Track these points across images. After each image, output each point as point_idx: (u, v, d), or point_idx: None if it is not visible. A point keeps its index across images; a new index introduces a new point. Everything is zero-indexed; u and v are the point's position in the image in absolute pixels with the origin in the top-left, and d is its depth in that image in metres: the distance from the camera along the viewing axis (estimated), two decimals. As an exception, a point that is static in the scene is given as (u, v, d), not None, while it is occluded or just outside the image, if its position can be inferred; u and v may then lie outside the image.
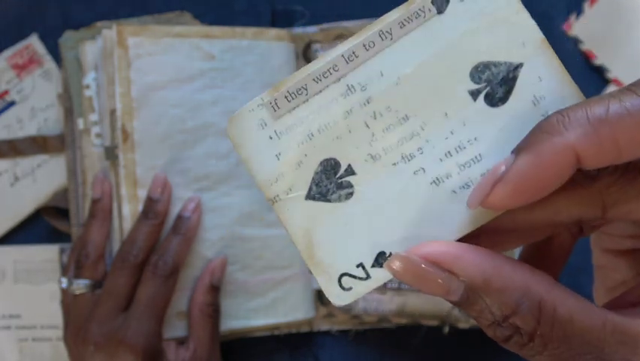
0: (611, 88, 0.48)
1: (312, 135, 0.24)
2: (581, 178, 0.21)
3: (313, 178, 0.24)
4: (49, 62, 0.52)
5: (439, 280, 0.21)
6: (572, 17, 0.49)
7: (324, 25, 0.49)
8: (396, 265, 0.22)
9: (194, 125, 0.45)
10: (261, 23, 0.51)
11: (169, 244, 0.42)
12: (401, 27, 0.24)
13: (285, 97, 0.24)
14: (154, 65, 0.44)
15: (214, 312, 0.44)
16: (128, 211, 0.43)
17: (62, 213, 0.51)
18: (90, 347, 0.40)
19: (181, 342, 0.44)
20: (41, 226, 0.52)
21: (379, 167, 0.24)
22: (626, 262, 0.25)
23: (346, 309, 0.48)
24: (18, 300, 0.52)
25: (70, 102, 0.49)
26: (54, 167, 0.52)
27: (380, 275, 0.24)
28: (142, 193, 0.43)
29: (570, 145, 0.20)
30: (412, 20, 0.24)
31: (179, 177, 0.44)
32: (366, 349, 0.51)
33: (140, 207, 0.43)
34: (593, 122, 0.19)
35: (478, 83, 0.23)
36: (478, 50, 0.23)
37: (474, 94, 0.23)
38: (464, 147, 0.23)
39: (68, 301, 0.44)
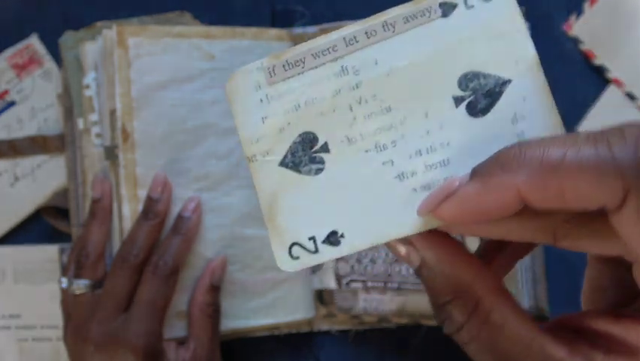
0: (611, 88, 0.48)
1: (299, 106, 0.25)
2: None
3: (290, 147, 0.25)
4: (49, 62, 0.52)
5: (403, 248, 0.24)
6: (572, 17, 0.49)
7: (324, 25, 0.49)
8: None
9: (194, 125, 0.45)
10: (261, 23, 0.51)
11: (169, 244, 0.42)
12: (405, 22, 0.25)
13: (283, 65, 0.25)
14: (154, 65, 0.44)
15: (214, 312, 0.44)
16: (128, 211, 0.43)
17: (62, 213, 0.51)
18: (90, 347, 0.40)
19: (181, 342, 0.44)
20: (41, 226, 0.52)
21: (353, 150, 0.24)
22: (604, 267, 0.25)
23: (346, 309, 0.48)
24: (18, 300, 0.52)
25: (70, 102, 0.49)
26: (54, 167, 0.52)
27: (328, 252, 0.24)
28: (142, 193, 0.43)
29: (516, 186, 0.20)
30: (416, 18, 0.25)
31: (179, 177, 0.44)
32: (366, 349, 0.51)
33: (140, 207, 0.43)
34: (544, 168, 0.20)
35: (464, 91, 0.24)
36: (472, 59, 0.24)
37: (458, 100, 0.24)
38: (435, 149, 0.24)
39: (68, 301, 0.44)
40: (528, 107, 0.23)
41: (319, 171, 0.25)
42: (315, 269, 0.49)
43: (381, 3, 0.51)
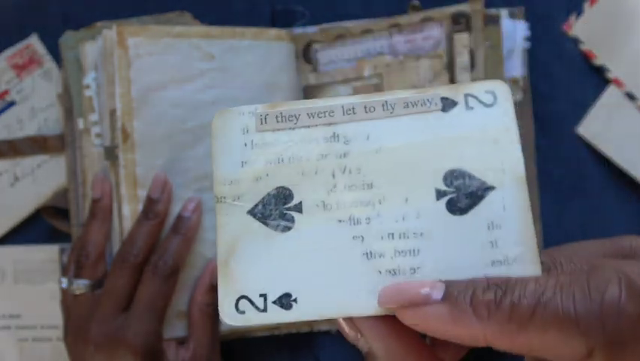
0: (611, 88, 0.48)
1: (282, 160, 0.25)
2: None
3: (263, 198, 0.25)
4: (49, 62, 0.52)
5: (352, 332, 0.24)
6: (572, 17, 0.49)
7: (324, 25, 0.49)
8: None
9: (194, 125, 0.45)
10: (261, 23, 0.51)
11: (169, 244, 0.42)
12: (405, 107, 0.25)
13: (276, 116, 0.25)
14: (154, 65, 0.44)
15: (214, 312, 0.44)
16: (128, 211, 0.43)
17: (62, 213, 0.51)
18: (90, 347, 0.40)
19: (181, 342, 0.44)
20: (41, 226, 0.52)
21: (326, 217, 0.24)
22: None
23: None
24: (18, 300, 0.52)
25: (70, 102, 0.49)
26: (54, 167, 0.52)
27: (276, 314, 0.24)
28: (142, 193, 0.43)
29: (484, 333, 0.21)
30: (416, 105, 0.25)
31: (179, 177, 0.44)
32: (366, 349, 0.50)
33: (140, 207, 0.43)
34: (514, 324, 0.20)
35: (447, 186, 0.24)
36: (462, 157, 0.24)
37: (440, 194, 0.24)
38: (408, 237, 0.24)
39: (68, 301, 0.44)
40: (506, 218, 0.23)
41: (287, 229, 0.24)
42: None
43: (380, 4, 0.51)
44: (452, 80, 0.44)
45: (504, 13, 0.47)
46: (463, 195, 0.24)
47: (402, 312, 0.22)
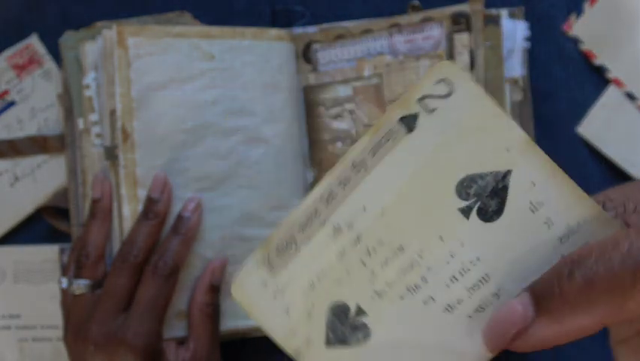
0: (611, 88, 0.48)
1: (314, 284, 0.23)
2: None
3: (327, 325, 0.23)
4: (49, 62, 0.52)
5: None
6: (572, 17, 0.49)
7: (324, 25, 0.49)
8: None
9: (194, 125, 0.45)
10: (260, 23, 0.51)
11: (169, 244, 0.42)
12: (373, 155, 0.23)
13: (277, 253, 0.24)
14: (154, 65, 0.44)
15: (214, 312, 0.44)
16: (128, 211, 0.43)
17: (62, 213, 0.51)
18: (90, 347, 0.40)
19: (181, 342, 0.44)
20: (41, 226, 0.52)
21: (388, 302, 0.23)
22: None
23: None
24: (18, 300, 0.52)
25: (70, 102, 0.49)
26: (54, 167, 0.52)
27: None
28: (142, 193, 0.43)
29: (600, 323, 0.19)
30: (382, 145, 0.23)
31: (179, 177, 0.44)
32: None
33: (140, 207, 0.43)
34: (616, 297, 0.18)
35: (466, 200, 0.22)
36: (458, 163, 0.22)
37: (465, 211, 0.22)
38: (468, 269, 0.22)
39: (68, 301, 0.44)
40: (541, 191, 0.22)
41: (367, 336, 0.23)
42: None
43: (380, 4, 0.51)
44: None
45: (504, 13, 0.47)
46: (486, 198, 0.22)
47: (516, 346, 0.20)
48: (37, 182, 0.52)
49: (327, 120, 0.49)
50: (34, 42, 0.52)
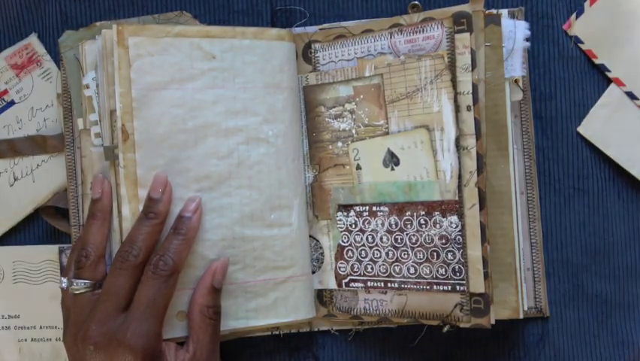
0: (611, 87, 0.48)
1: None
2: None
3: None
4: (48, 62, 0.52)
5: None
6: (573, 17, 0.49)
7: (324, 25, 0.49)
8: None
9: (195, 125, 0.45)
10: (261, 23, 0.51)
11: (169, 244, 0.42)
12: None
13: None
14: (154, 65, 0.44)
15: (214, 314, 0.43)
16: (128, 211, 0.43)
17: (62, 213, 0.51)
18: (90, 347, 0.40)
19: (180, 343, 0.43)
20: (41, 226, 0.52)
21: None
22: None
23: (347, 309, 0.48)
24: (17, 300, 0.52)
25: (69, 102, 0.49)
26: (53, 167, 0.52)
27: None
28: (142, 193, 0.43)
29: None
30: None
31: (179, 177, 0.44)
32: (366, 349, 0.51)
33: (140, 207, 0.43)
34: None
35: None
36: None
37: None
38: None
39: (68, 301, 0.43)
40: None
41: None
42: (315, 269, 0.49)
43: (381, 4, 0.51)
44: (454, 80, 0.44)
45: (504, 13, 0.47)
46: None
47: None
48: (36, 182, 0.52)
49: (328, 120, 0.49)
50: (33, 42, 0.52)
